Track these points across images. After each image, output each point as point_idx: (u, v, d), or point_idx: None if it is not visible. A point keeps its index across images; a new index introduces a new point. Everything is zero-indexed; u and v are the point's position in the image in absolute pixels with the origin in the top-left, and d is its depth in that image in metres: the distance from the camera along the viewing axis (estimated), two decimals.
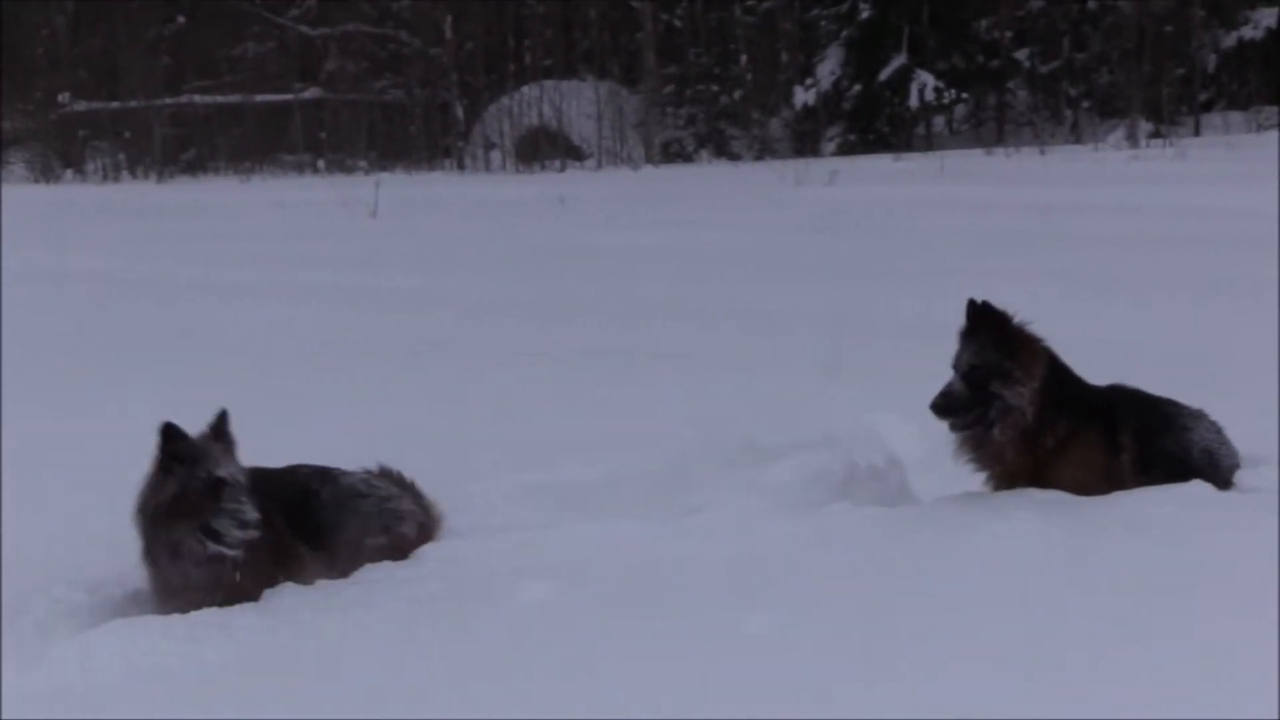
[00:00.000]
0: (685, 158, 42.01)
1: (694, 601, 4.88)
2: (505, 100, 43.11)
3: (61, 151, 46.66)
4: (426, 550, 5.78)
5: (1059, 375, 6.08)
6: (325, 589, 5.34)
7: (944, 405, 6.04)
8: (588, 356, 9.27)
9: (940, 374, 6.12)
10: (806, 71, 41.66)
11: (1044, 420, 6.00)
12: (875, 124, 40.91)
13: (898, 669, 4.25)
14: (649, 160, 39.78)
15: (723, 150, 42.09)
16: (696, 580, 5.13)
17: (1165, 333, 9.49)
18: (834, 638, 4.51)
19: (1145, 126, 34.38)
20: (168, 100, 47.35)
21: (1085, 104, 41.32)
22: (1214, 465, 6.09)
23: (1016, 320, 6.07)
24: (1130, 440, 6.09)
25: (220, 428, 5.47)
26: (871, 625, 4.59)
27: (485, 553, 5.67)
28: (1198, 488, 5.87)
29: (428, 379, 8.69)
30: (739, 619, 4.65)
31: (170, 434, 5.27)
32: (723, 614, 4.70)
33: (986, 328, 6.02)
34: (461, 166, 42.09)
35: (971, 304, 6.06)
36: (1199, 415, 6.22)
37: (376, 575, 5.50)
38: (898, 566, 5.21)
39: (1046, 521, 5.59)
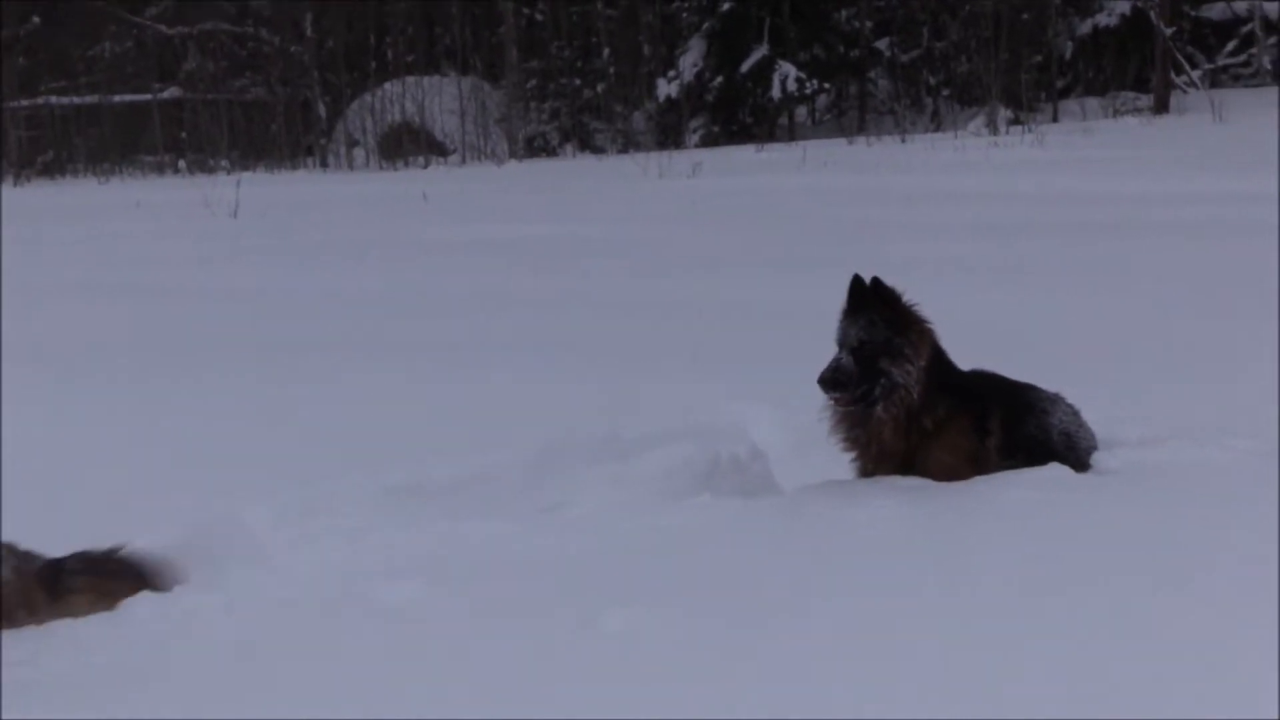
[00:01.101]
0: (549, 152, 42.04)
1: (553, 599, 4.82)
2: (367, 97, 42.93)
3: None
4: (284, 553, 5.66)
5: (940, 358, 6.07)
6: (183, 598, 5.21)
7: (833, 380, 5.95)
8: (449, 352, 9.19)
9: (804, 361, 6.10)
10: (669, 64, 41.78)
11: (925, 402, 5.97)
12: (739, 115, 41.10)
13: (753, 661, 4.20)
14: (513, 155, 39.69)
15: (587, 144, 42.17)
16: (555, 577, 5.07)
17: (1019, 317, 9.56)
18: (690, 631, 4.46)
19: (1005, 114, 34.73)
20: (23, 102, 46.62)
21: (945, 92, 41.79)
22: (1072, 448, 6.12)
23: (905, 299, 6.03)
24: (996, 425, 6.09)
25: None
26: (727, 617, 4.55)
27: (346, 555, 5.58)
28: (1056, 471, 5.89)
29: (284, 377, 8.55)
30: (598, 614, 4.58)
31: None
32: (583, 609, 4.63)
33: (877, 304, 5.98)
34: (325, 164, 41.86)
35: (859, 281, 6.01)
36: (1056, 399, 6.25)
37: (233, 580, 5.38)
38: (756, 557, 5.18)
39: (907, 507, 5.60)
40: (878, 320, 5.96)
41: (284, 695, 4.18)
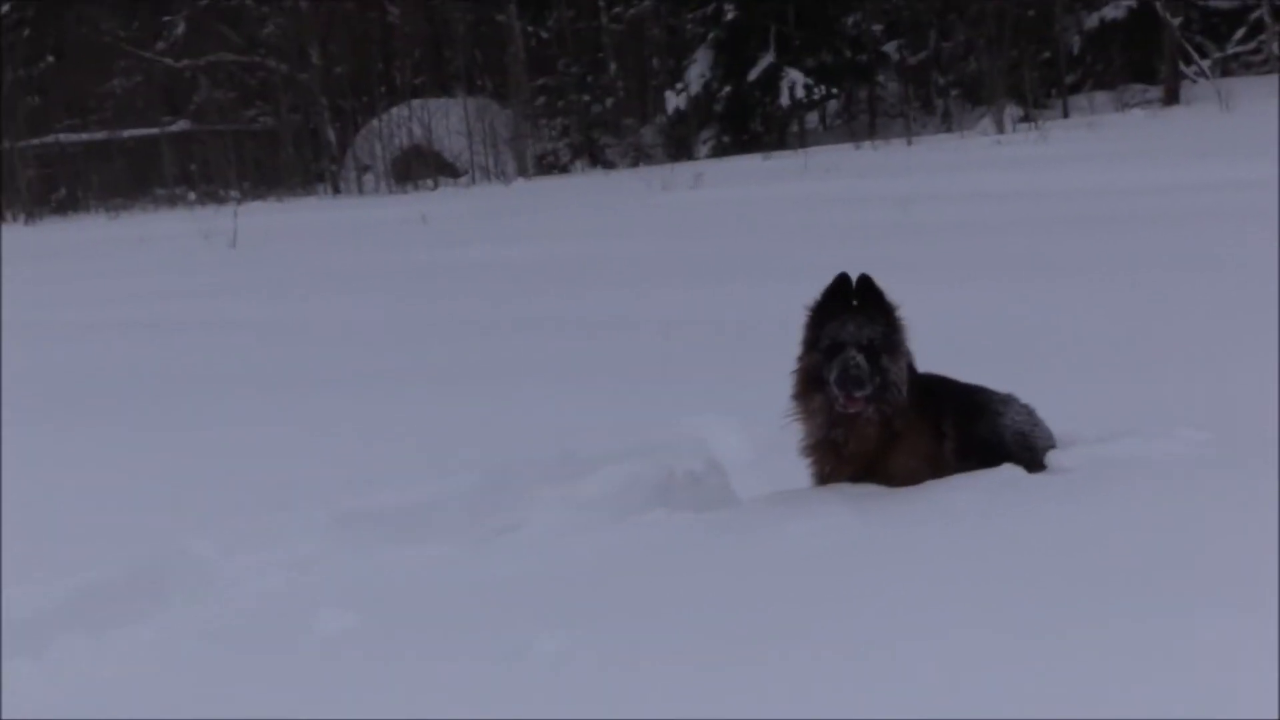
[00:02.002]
0: (561, 169, 42.04)
1: (491, 622, 4.78)
2: (376, 122, 43.02)
3: None
4: (229, 583, 5.62)
5: (909, 358, 5.99)
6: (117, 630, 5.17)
7: (857, 379, 5.73)
8: (413, 378, 9.16)
9: (769, 371, 6.02)
10: (676, 76, 41.75)
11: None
12: (749, 124, 41.10)
13: (686, 681, 4.15)
14: (522, 173, 39.72)
15: (598, 159, 42.14)
16: (496, 601, 5.03)
17: (997, 318, 9.48)
18: (627, 650, 4.40)
19: (1014, 111, 34.62)
20: (33, 141, 46.88)
21: (955, 93, 41.67)
22: (1028, 448, 6.02)
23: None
24: (951, 428, 6.01)
25: None
26: (664, 636, 4.49)
27: (288, 584, 5.54)
28: (1008, 472, 5.80)
29: (248, 407, 8.53)
30: (533, 638, 4.53)
31: None
32: (518, 634, 4.59)
33: (874, 300, 5.88)
34: (336, 190, 42.01)
35: (846, 279, 5.89)
36: (1009, 399, 6.16)
37: (174, 610, 5.35)
38: (702, 573, 5.12)
39: (857, 515, 5.52)
40: (878, 317, 5.86)
41: None
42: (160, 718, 4.32)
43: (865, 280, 5.91)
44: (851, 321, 5.87)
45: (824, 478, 6.06)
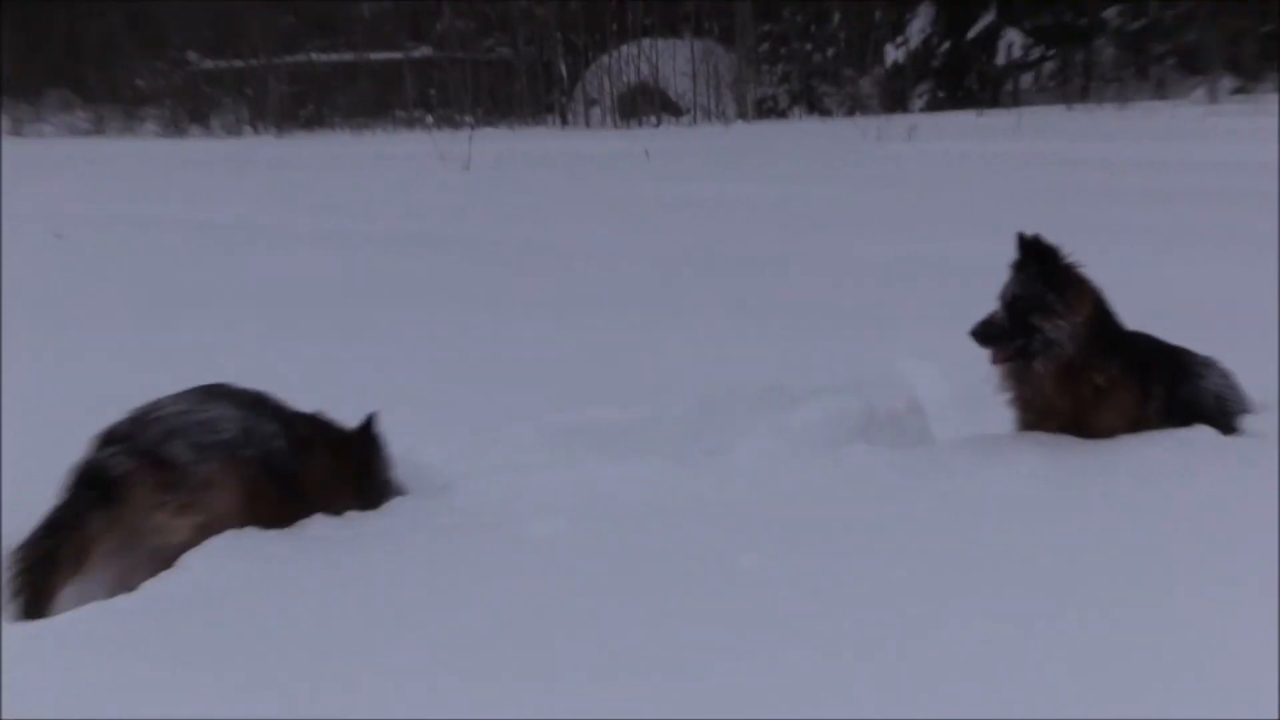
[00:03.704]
0: (779, 114, 41.86)
1: (694, 537, 4.86)
2: (606, 59, 43.13)
3: (189, 108, 47.18)
4: (451, 488, 5.76)
5: (1104, 318, 5.91)
6: (355, 519, 5.34)
7: (984, 333, 5.89)
8: (637, 304, 9.21)
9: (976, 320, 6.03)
10: (897, 29, 41.27)
11: (1091, 361, 5.84)
12: (964, 81, 40.54)
13: (874, 605, 4.21)
14: (741, 116, 39.63)
15: (815, 107, 41.88)
16: (700, 518, 5.10)
17: (1203, 283, 9.33)
18: (821, 574, 4.47)
19: (1229, 83, 33.72)
20: (287, 59, 47.71)
21: (1171, 61, 40.68)
22: (1224, 411, 5.96)
23: (1067, 257, 5.89)
24: (1159, 388, 5.96)
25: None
26: (861, 562, 4.56)
27: (505, 489, 5.66)
28: (1201, 432, 5.75)
29: (475, 323, 8.66)
30: (735, 555, 4.61)
31: None
32: (720, 550, 4.67)
33: (1035, 261, 5.86)
34: (565, 121, 42.22)
35: (1021, 237, 5.89)
36: (1210, 362, 6.09)
37: (404, 508, 5.51)
38: (897, 505, 5.17)
39: (1047, 464, 5.51)
40: (1034, 276, 5.84)
41: (413, 616, 4.30)
42: (406, 593, 4.45)
43: (1025, 240, 5.89)
44: (1010, 280, 5.92)
45: (1027, 425, 6.05)
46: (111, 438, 4.77)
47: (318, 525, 5.26)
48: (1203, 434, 5.75)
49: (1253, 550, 4.51)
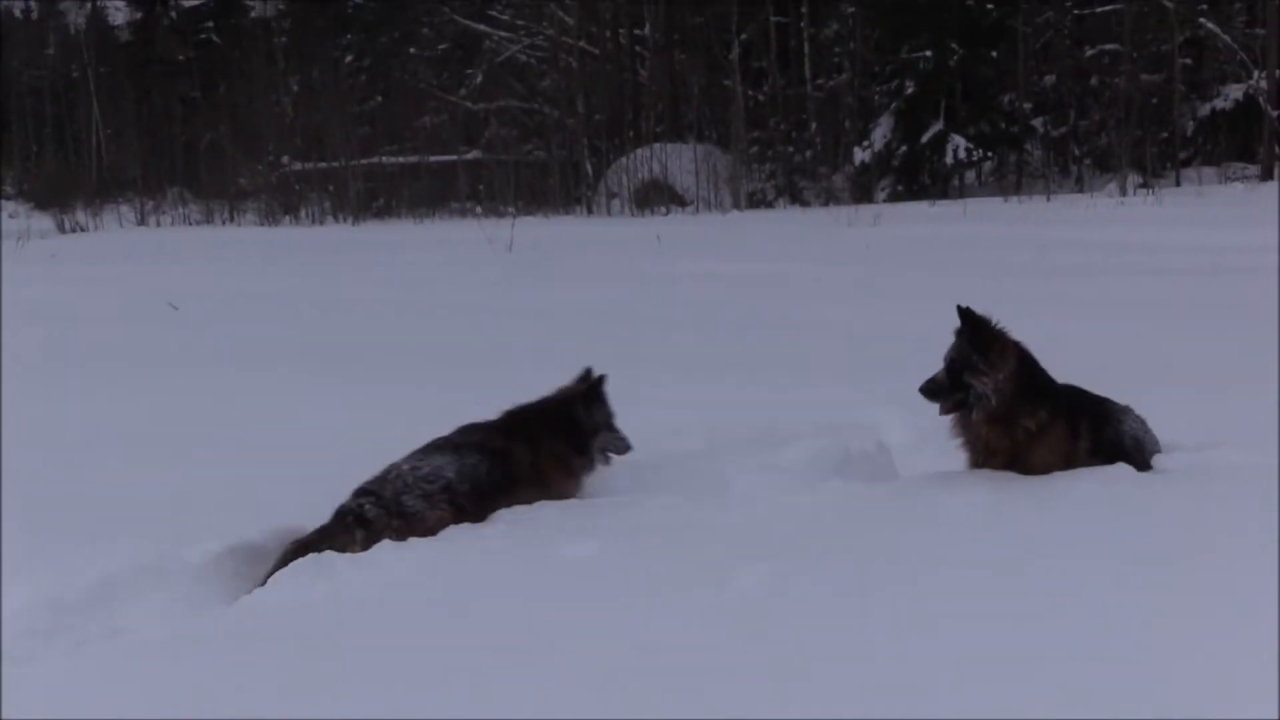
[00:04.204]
0: (767, 204, 41.93)
1: (703, 556, 4.84)
2: (624, 159, 43.27)
3: (282, 202, 47.41)
4: (502, 514, 5.70)
5: (1028, 373, 5.87)
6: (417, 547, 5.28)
7: (928, 389, 5.91)
8: (653, 358, 9.13)
9: (930, 373, 6.00)
10: (863, 135, 41.41)
11: (1021, 408, 5.80)
12: (919, 177, 40.60)
13: (858, 614, 4.18)
14: (736, 206, 39.74)
15: (796, 198, 41.96)
16: (708, 540, 5.09)
17: (1121, 343, 9.27)
18: (810, 584, 4.48)
19: (1135, 179, 33.82)
20: (363, 161, 47.94)
21: (1087, 161, 40.86)
22: (1140, 450, 5.92)
23: (994, 322, 5.87)
24: (1085, 430, 5.92)
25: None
26: (839, 575, 4.55)
27: (549, 518, 5.60)
28: (1121, 469, 5.71)
29: (517, 371, 8.56)
30: (736, 570, 4.60)
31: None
32: (724, 566, 4.65)
33: (968, 327, 5.85)
34: (590, 211, 42.31)
35: (958, 308, 5.90)
36: (1127, 409, 6.06)
37: (459, 533, 5.45)
38: (868, 529, 5.14)
39: (995, 494, 5.50)
40: (966, 341, 5.85)
41: (481, 621, 4.28)
42: (445, 610, 4.40)
43: (961, 311, 5.88)
44: (952, 345, 5.91)
45: (975, 464, 6.01)
46: (364, 490, 5.57)
47: (387, 551, 5.21)
48: (1123, 470, 5.71)
49: (1173, 563, 4.49)
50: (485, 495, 5.69)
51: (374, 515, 5.46)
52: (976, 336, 5.83)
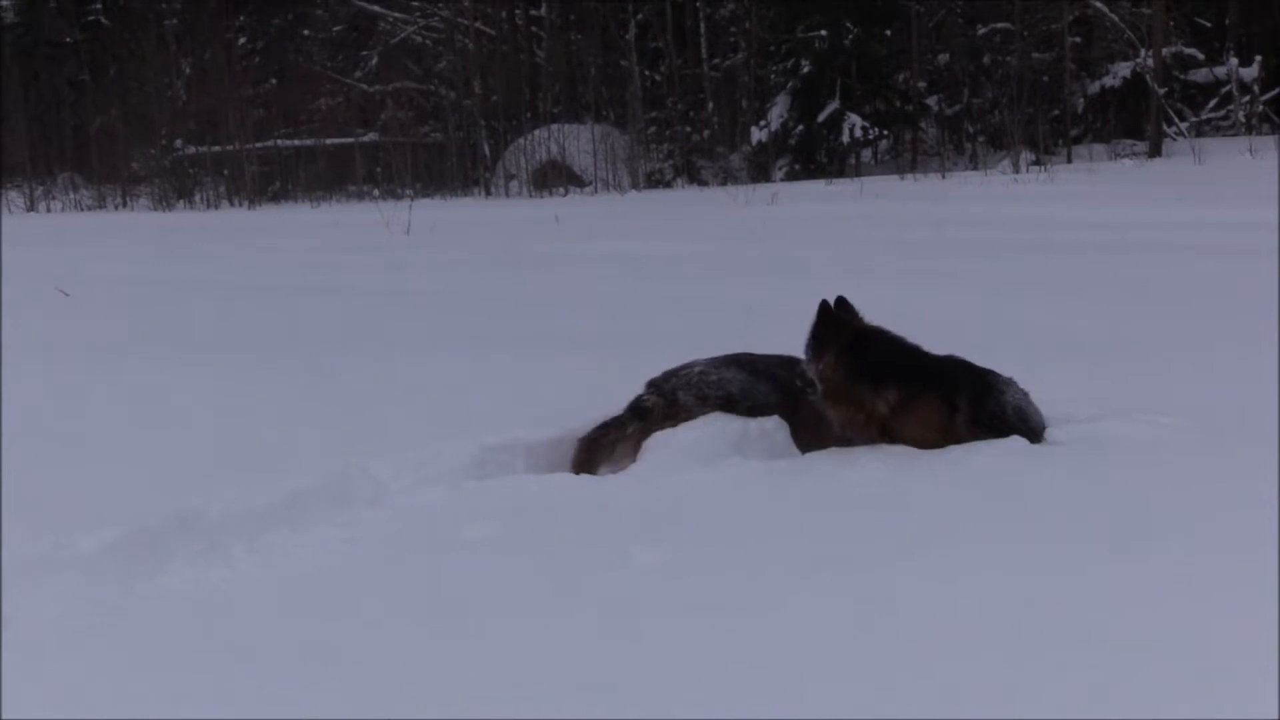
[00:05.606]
0: (665, 184, 41.93)
1: (601, 536, 4.82)
2: (522, 140, 43.09)
3: (176, 186, 46.74)
4: (398, 497, 5.63)
5: (865, 351, 5.96)
6: (313, 530, 5.19)
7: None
8: (552, 340, 9.05)
9: None
10: (760, 115, 41.53)
11: (861, 388, 5.91)
12: (815, 156, 40.75)
13: (752, 588, 4.19)
14: (634, 186, 39.73)
15: (694, 178, 42.03)
16: (606, 521, 5.07)
17: (1008, 317, 9.36)
18: (708, 564, 4.47)
19: (1027, 156, 34.27)
20: (258, 145, 47.34)
21: (981, 139, 41.31)
22: (1024, 421, 5.96)
23: (846, 312, 6.07)
24: (964, 402, 5.96)
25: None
26: (740, 553, 4.55)
27: (444, 500, 5.55)
28: (1014, 442, 5.78)
29: (414, 358, 8.47)
30: (632, 550, 4.58)
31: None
32: (621, 546, 4.65)
33: (816, 321, 6.07)
34: (488, 193, 42.08)
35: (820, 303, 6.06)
36: (1010, 381, 6.10)
37: (357, 516, 5.36)
38: (767, 507, 5.16)
39: (892, 469, 5.53)
40: (810, 334, 6.07)
41: (384, 605, 4.22)
42: (352, 596, 4.35)
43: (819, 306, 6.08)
44: None
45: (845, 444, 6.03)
46: (652, 383, 6.14)
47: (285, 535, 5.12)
48: (1015, 443, 5.77)
49: (1074, 534, 4.53)
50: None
51: (651, 404, 5.99)
52: (813, 328, 6.02)
